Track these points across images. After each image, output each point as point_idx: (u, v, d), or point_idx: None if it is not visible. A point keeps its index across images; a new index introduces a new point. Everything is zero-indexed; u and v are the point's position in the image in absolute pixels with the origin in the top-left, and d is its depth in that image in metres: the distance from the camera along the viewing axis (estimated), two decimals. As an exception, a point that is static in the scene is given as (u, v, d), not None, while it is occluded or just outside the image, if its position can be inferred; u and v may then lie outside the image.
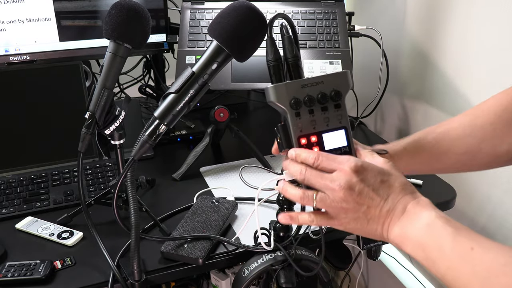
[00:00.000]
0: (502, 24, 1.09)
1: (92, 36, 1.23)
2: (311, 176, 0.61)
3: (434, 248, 0.55)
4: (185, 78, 0.75)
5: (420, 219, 0.57)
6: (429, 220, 0.56)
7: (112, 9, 0.82)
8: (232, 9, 0.73)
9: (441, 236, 0.55)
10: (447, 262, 0.54)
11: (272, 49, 0.70)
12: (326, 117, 0.65)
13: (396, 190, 0.59)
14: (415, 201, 0.59)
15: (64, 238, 0.91)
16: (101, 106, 0.83)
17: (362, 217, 0.60)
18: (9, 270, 0.82)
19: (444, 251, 0.54)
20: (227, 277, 1.17)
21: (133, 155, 0.76)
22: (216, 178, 1.13)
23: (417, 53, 1.38)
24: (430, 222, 0.56)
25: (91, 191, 1.05)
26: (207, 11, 1.28)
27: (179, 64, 1.19)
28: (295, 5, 1.29)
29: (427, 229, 0.56)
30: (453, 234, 0.54)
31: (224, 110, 1.15)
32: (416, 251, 0.57)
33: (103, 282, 0.81)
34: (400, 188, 0.59)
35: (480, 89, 1.18)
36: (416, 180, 1.10)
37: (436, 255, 0.55)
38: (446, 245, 0.54)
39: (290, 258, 0.79)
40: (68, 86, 1.15)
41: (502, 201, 1.16)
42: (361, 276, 1.81)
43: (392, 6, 1.44)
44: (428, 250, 0.55)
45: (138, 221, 0.76)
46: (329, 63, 1.19)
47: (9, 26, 1.15)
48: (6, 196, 1.03)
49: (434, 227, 0.56)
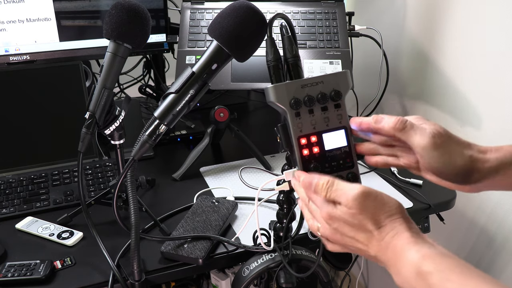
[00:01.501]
0: (502, 24, 1.09)
1: (92, 36, 1.23)
2: (305, 211, 0.63)
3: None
4: (185, 78, 0.75)
5: (407, 268, 0.52)
6: (416, 268, 0.51)
7: (112, 9, 0.82)
8: (232, 9, 0.73)
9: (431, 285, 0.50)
10: None
11: (272, 49, 0.70)
12: (326, 117, 0.65)
13: (372, 234, 0.56)
14: (395, 241, 0.54)
15: (64, 238, 0.91)
16: (101, 106, 0.83)
17: (361, 253, 0.59)
18: (9, 270, 0.82)
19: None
20: (227, 277, 1.17)
21: (133, 155, 0.76)
22: (216, 178, 1.13)
23: (417, 53, 1.38)
24: (418, 271, 0.51)
25: (91, 191, 1.05)
26: (207, 11, 1.28)
27: (179, 64, 1.19)
28: (295, 5, 1.29)
29: (416, 279, 0.51)
30: (444, 283, 0.49)
31: (224, 110, 1.15)
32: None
33: (103, 282, 0.81)
34: (376, 231, 0.55)
35: (480, 89, 1.18)
36: (416, 180, 1.10)
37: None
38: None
39: (284, 260, 0.79)
40: (68, 86, 1.15)
41: (502, 201, 1.16)
42: (361, 276, 1.81)
43: (392, 6, 1.44)
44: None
45: (138, 221, 0.76)
46: (329, 63, 1.19)
47: (9, 26, 1.15)
48: (6, 196, 1.03)
49: (422, 278, 0.51)
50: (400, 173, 1.13)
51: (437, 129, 0.60)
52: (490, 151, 0.62)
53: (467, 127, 1.22)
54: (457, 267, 0.50)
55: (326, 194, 0.58)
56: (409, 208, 1.02)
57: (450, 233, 1.29)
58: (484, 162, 0.61)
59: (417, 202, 1.04)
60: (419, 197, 1.05)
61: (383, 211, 0.56)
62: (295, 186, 0.65)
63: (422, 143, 0.59)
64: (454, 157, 0.60)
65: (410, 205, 1.03)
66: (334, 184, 0.58)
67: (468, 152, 0.61)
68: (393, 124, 0.61)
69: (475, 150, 0.62)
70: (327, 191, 0.58)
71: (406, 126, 0.60)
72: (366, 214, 0.55)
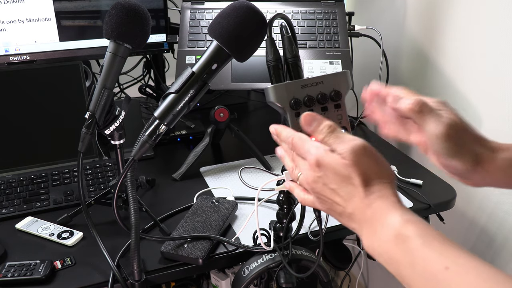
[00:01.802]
0: (502, 24, 1.09)
1: (92, 36, 1.23)
2: (287, 157, 0.60)
3: (405, 265, 0.48)
4: (185, 78, 0.75)
5: (386, 229, 0.50)
6: (396, 231, 0.49)
7: (112, 9, 0.82)
8: (232, 9, 0.73)
9: (411, 252, 0.48)
10: (420, 283, 0.47)
11: (272, 49, 0.70)
12: (326, 117, 0.64)
13: (357, 189, 0.52)
14: (379, 202, 0.52)
15: (64, 238, 0.91)
16: (101, 106, 0.83)
17: (332, 211, 0.56)
18: (9, 270, 0.82)
19: (415, 270, 0.47)
20: (227, 277, 1.17)
21: (133, 155, 0.76)
22: (216, 178, 1.13)
23: (417, 53, 1.38)
24: (397, 233, 0.49)
25: (91, 191, 1.05)
26: (207, 11, 1.28)
27: (179, 64, 1.19)
28: (295, 5, 1.29)
29: (395, 242, 0.49)
30: (424, 248, 0.47)
31: (224, 110, 1.15)
32: (389, 266, 0.50)
33: (103, 282, 0.81)
34: (362, 187, 0.52)
35: (480, 89, 1.18)
36: (416, 180, 1.10)
37: (408, 272, 0.48)
38: (418, 263, 0.47)
39: (284, 260, 0.79)
40: (68, 86, 1.15)
41: (502, 201, 1.16)
42: (361, 276, 1.81)
43: (392, 6, 1.44)
44: (400, 267, 0.49)
45: (138, 221, 0.76)
46: (329, 63, 1.19)
47: (9, 26, 1.15)
48: (6, 196, 1.03)
49: (402, 240, 0.49)
50: (400, 173, 1.13)
51: (453, 119, 0.59)
52: (502, 150, 0.61)
53: (467, 127, 1.21)
54: (439, 235, 0.48)
55: (324, 137, 0.56)
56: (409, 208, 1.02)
57: (450, 233, 1.29)
58: (492, 162, 0.60)
59: (417, 202, 1.04)
60: (419, 197, 1.05)
61: (375, 171, 0.53)
62: (279, 128, 0.60)
63: (435, 132, 0.58)
64: (462, 152, 0.59)
65: (410, 205, 1.03)
66: (337, 130, 0.56)
67: (478, 150, 0.60)
68: (411, 105, 0.59)
69: (487, 147, 0.61)
70: (326, 134, 0.56)
71: (423, 109, 0.59)
72: (358, 168, 0.52)
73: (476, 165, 0.60)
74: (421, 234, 0.48)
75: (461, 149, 0.59)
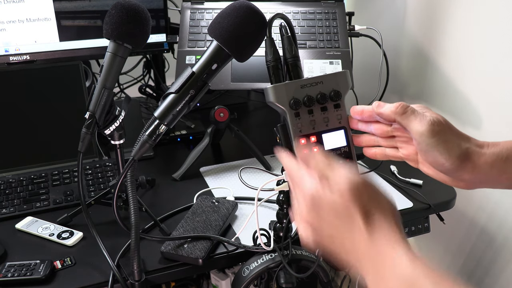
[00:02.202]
0: (503, 24, 1.09)
1: (92, 36, 1.23)
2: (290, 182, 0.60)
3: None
4: (185, 78, 0.75)
5: (395, 277, 0.48)
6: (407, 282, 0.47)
7: (112, 9, 0.82)
8: (232, 9, 0.73)
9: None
10: None
11: (272, 49, 0.70)
12: (326, 117, 0.65)
13: (356, 224, 0.51)
14: (383, 240, 0.50)
15: (64, 238, 0.91)
16: (101, 106, 0.83)
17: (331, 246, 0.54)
18: (9, 270, 0.82)
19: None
20: (227, 277, 1.17)
21: (133, 155, 0.76)
22: (216, 178, 1.13)
23: (417, 53, 1.38)
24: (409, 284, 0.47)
25: (91, 191, 1.06)
26: (207, 11, 1.28)
27: (179, 64, 1.19)
28: (295, 5, 1.29)
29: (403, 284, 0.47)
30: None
31: (224, 110, 1.15)
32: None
33: (103, 282, 0.81)
34: (362, 220, 0.51)
35: (480, 89, 1.18)
36: (416, 180, 1.10)
37: None
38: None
39: (284, 260, 0.79)
40: (68, 86, 1.15)
41: (502, 201, 1.16)
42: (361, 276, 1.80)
43: (392, 6, 1.44)
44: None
45: (138, 221, 0.76)
46: (329, 63, 1.19)
47: (9, 26, 1.15)
48: (6, 196, 1.03)
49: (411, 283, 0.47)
50: (400, 173, 1.13)
51: (437, 118, 0.60)
52: (487, 146, 0.62)
53: (467, 127, 1.21)
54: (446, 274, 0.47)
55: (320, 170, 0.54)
56: (409, 208, 1.02)
57: (450, 233, 1.29)
58: (480, 156, 0.60)
59: (417, 202, 1.04)
60: (419, 197, 1.05)
61: (375, 204, 0.52)
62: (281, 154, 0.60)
63: (420, 129, 0.59)
64: (450, 147, 0.59)
65: (410, 205, 1.03)
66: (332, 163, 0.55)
67: (465, 144, 0.60)
68: (395, 108, 0.60)
69: (473, 143, 0.61)
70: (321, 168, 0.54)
71: (407, 110, 0.60)
72: (356, 203, 0.51)
73: (464, 160, 0.60)
74: (430, 275, 0.47)
75: (447, 144, 0.59)
